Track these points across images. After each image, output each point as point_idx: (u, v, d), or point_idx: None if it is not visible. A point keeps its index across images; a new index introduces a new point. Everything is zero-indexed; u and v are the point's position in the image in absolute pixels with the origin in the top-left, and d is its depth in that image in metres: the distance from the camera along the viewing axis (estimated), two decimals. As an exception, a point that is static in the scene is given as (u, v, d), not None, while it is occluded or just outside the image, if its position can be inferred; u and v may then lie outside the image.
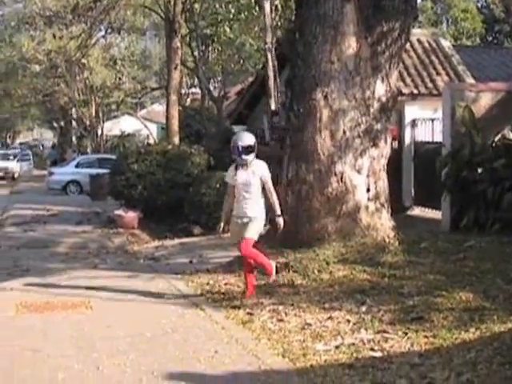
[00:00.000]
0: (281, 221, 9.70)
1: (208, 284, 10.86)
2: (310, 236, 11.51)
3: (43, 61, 40.40)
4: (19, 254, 16.17)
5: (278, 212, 9.71)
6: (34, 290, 10.53)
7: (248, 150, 9.45)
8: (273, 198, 9.66)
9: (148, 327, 8.37)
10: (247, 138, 9.59)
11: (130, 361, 7.02)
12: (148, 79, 48.68)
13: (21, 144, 79.90)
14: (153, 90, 47.34)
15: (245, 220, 9.51)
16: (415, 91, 19.52)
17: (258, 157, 9.70)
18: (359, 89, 11.65)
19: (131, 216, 20.36)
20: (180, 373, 6.69)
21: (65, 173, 34.42)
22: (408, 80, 19.75)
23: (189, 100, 44.52)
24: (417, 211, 18.02)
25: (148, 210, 20.81)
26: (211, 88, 38.61)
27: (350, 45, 11.62)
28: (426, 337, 7.49)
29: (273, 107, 25.86)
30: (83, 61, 40.05)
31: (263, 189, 9.61)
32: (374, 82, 11.71)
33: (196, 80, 39.64)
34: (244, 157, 9.45)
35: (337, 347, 7.36)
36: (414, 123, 18.64)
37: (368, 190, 11.74)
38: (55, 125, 61.61)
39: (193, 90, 45.39)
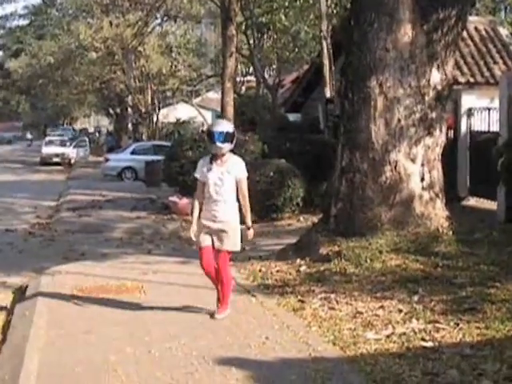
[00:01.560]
0: (250, 234, 8.28)
1: (260, 271, 10.91)
2: (362, 225, 11.46)
3: (100, 48, 40.73)
4: (74, 238, 16.41)
5: (249, 223, 8.27)
6: (89, 274, 10.68)
7: (225, 137, 8.02)
8: (245, 205, 8.22)
9: (200, 312, 8.45)
10: (224, 125, 8.35)
11: (182, 345, 7.10)
12: (203, 67, 48.76)
13: (81, 131, 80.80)
14: (208, 77, 47.45)
15: (215, 225, 8.10)
16: (472, 80, 19.26)
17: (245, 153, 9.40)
18: (414, 77, 11.53)
19: (185, 202, 20.44)
20: (230, 358, 6.74)
21: (120, 159, 34.76)
22: (465, 68, 19.50)
23: (244, 88, 44.52)
24: (472, 201, 17.80)
25: (202, 197, 20.87)
26: (266, 76, 38.53)
27: (406, 32, 11.50)
28: (478, 328, 7.44)
29: (328, 95, 25.82)
30: (139, 48, 40.37)
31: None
32: (430, 70, 11.58)
33: (251, 68, 39.57)
34: (219, 144, 7.99)
35: (387, 336, 7.35)
36: (470, 112, 18.40)
37: (422, 180, 11.63)
38: (111, 112, 62.12)
39: (248, 77, 45.37)
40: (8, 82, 71.16)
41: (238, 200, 8.23)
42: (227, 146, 8.07)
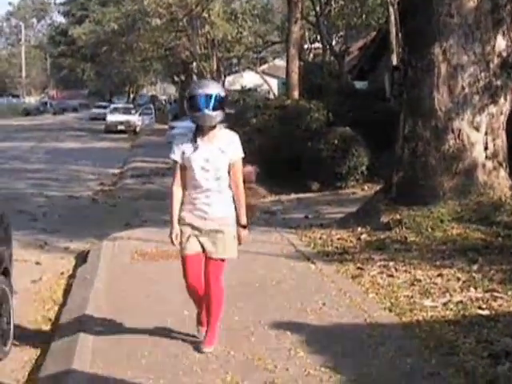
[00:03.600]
0: (245, 234, 6.20)
1: (321, 238, 10.97)
2: (424, 193, 11.38)
3: (164, 14, 40.74)
4: (137, 205, 16.65)
5: (244, 221, 6.16)
6: (150, 240, 10.84)
7: (214, 102, 5.89)
8: (239, 196, 6.13)
9: (258, 278, 8.56)
10: (213, 86, 6.04)
11: (239, 309, 7.21)
12: (269, 33, 48.56)
13: (151, 97, 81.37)
14: (273, 43, 47.30)
15: (207, 225, 5.99)
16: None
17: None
18: (479, 44, 11.36)
19: (249, 170, 20.45)
20: (286, 322, 6.83)
21: (185, 127, 34.56)
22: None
23: (311, 55, 44.29)
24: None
25: (266, 164, 20.97)
26: (333, 43, 38.27)
27: (471, -2, 11.34)
28: (536, 297, 7.39)
29: (394, 63, 25.54)
30: (204, 14, 40.32)
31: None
32: (495, 37, 11.38)
33: (318, 35, 39.31)
34: (207, 112, 5.84)
35: (444, 304, 7.35)
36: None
37: (486, 148, 11.48)
38: (176, 79, 62.43)
39: (315, 45, 45.10)
40: (73, 49, 71.90)
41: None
42: (219, 115, 5.95)
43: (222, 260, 6.07)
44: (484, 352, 5.89)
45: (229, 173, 6.03)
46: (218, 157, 5.94)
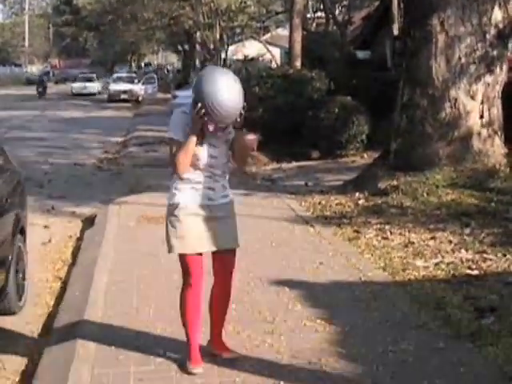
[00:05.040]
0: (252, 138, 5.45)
1: (320, 204, 11.32)
2: (421, 160, 11.71)
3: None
4: (141, 172, 16.84)
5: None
6: (155, 204, 11.12)
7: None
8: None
9: (259, 239, 8.91)
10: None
11: (240, 268, 7.48)
12: (272, 3, 48.56)
13: (158, 67, 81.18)
14: (277, 13, 47.32)
15: (214, 212, 5.15)
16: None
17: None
18: (476, 15, 11.63)
19: (251, 138, 20.82)
20: (285, 280, 7.21)
21: (188, 96, 34.76)
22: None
23: (314, 25, 44.33)
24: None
25: (267, 132, 21.21)
26: (336, 12, 38.33)
27: (468, -30, 11.59)
28: (524, 259, 7.75)
29: (396, 33, 25.71)
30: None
31: None
32: (492, 9, 11.65)
33: (321, 4, 39.34)
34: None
35: (436, 264, 7.72)
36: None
37: (481, 117, 11.80)
38: (179, 48, 62.35)
39: (318, 14, 45.10)
40: (77, 19, 71.63)
41: None
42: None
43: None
44: (470, 307, 6.26)
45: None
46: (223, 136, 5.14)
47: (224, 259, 5.24)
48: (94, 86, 57.81)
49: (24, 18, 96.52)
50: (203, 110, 4.80)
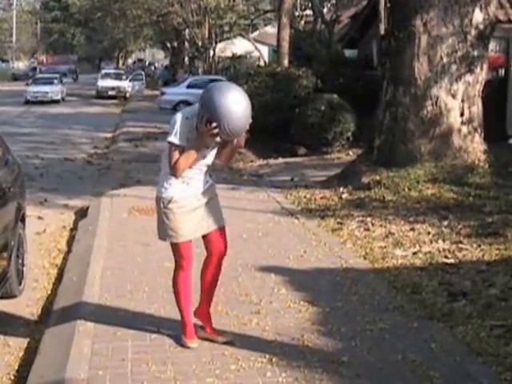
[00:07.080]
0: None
1: (305, 197, 11.73)
2: (403, 156, 12.14)
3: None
4: (130, 167, 17.09)
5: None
6: (146, 197, 11.39)
7: None
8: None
9: (246, 230, 9.32)
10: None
11: (228, 256, 7.89)
12: (261, 1, 48.94)
13: (149, 64, 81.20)
14: (265, 12, 47.67)
15: (203, 198, 5.61)
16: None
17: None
18: (458, 16, 12.04)
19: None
20: (271, 266, 7.63)
21: (176, 93, 35.14)
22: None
23: (302, 22, 44.66)
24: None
25: (255, 129, 21.44)
26: (324, 11, 38.69)
27: (450, -27, 12.00)
28: (497, 249, 8.21)
29: (382, 32, 26.08)
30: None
31: None
32: (473, 11, 12.06)
33: (309, 2, 39.66)
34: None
35: (414, 253, 8.17)
36: (522, 51, 18.61)
37: (462, 114, 12.21)
38: (168, 45, 62.54)
39: (306, 12, 45.42)
40: (66, 15, 71.63)
41: None
42: None
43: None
44: (444, 292, 6.71)
45: None
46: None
47: (216, 238, 5.76)
48: (56, 91, 44.36)
49: (11, 14, 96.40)
50: (216, 130, 5.04)
